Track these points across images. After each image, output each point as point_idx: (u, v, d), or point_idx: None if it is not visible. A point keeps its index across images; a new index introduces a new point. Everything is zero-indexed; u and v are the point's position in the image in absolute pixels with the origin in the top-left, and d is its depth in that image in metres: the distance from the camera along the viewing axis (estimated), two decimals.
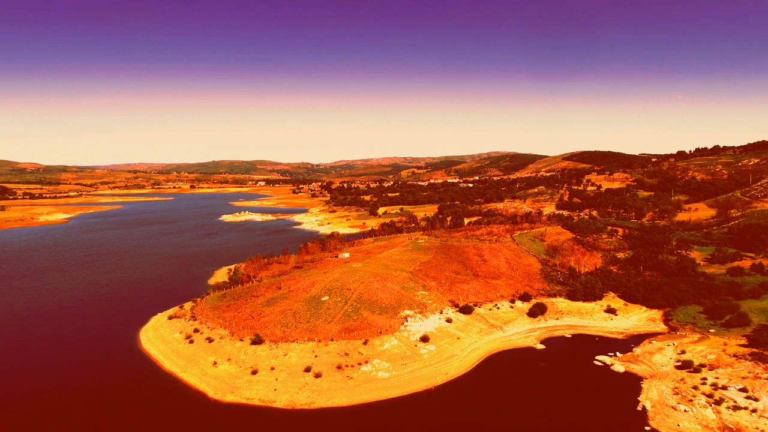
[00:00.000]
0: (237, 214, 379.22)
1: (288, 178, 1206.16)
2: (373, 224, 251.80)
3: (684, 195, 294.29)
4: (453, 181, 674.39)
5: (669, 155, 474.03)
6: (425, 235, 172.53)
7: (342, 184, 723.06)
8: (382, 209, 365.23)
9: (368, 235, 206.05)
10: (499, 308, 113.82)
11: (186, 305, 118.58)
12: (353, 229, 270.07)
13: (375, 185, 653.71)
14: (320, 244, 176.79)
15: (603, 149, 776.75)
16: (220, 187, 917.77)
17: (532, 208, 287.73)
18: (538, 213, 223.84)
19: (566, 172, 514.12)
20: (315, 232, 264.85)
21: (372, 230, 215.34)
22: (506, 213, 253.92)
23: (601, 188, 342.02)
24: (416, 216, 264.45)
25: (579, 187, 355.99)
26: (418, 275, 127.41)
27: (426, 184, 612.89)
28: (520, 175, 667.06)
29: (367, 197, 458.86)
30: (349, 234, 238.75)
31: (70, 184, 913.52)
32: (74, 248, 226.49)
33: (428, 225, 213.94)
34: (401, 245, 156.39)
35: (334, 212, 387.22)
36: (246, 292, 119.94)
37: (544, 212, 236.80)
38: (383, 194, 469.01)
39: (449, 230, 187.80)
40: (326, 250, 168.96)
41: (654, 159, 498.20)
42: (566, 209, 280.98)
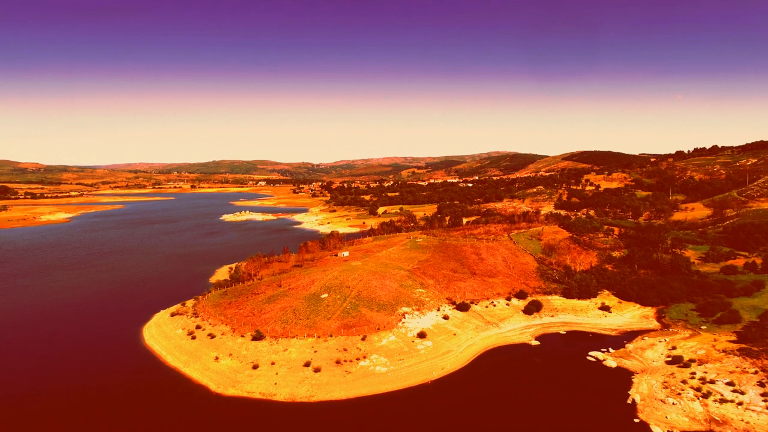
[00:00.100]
0: (238, 213, 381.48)
1: (288, 178, 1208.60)
2: (373, 224, 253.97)
3: (682, 195, 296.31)
4: (453, 181, 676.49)
5: (668, 155, 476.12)
6: (424, 234, 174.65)
7: (342, 184, 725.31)
8: (382, 209, 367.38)
9: (368, 235, 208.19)
10: (495, 306, 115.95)
11: (188, 303, 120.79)
12: (353, 229, 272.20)
13: (375, 185, 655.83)
14: (320, 243, 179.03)
15: (603, 149, 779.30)
16: (220, 187, 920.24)
17: (531, 207, 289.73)
18: (536, 212, 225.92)
19: (565, 172, 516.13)
20: (315, 232, 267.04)
21: (371, 229, 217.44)
22: (505, 213, 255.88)
23: (600, 188, 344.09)
24: (415, 215, 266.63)
25: (578, 187, 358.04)
26: (416, 273, 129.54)
27: (426, 184, 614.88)
28: (519, 175, 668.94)
29: (367, 197, 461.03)
30: (349, 233, 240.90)
31: (71, 183, 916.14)
32: (77, 247, 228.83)
33: (427, 224, 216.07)
34: (400, 244, 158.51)
35: (334, 212, 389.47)
36: (247, 290, 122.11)
37: (542, 212, 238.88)
38: (383, 194, 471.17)
39: (448, 229, 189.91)
40: (326, 248, 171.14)
41: (653, 159, 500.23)
42: (565, 209, 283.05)
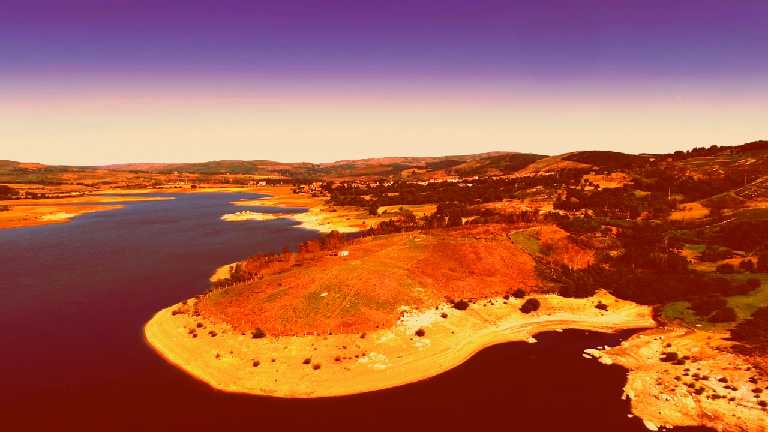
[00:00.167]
0: (238, 213, 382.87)
1: (289, 178, 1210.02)
2: (373, 223, 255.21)
3: (680, 194, 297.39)
4: (453, 180, 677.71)
5: (667, 155, 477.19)
6: (423, 234, 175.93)
7: (342, 184, 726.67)
8: (382, 209, 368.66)
9: (367, 234, 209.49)
10: (493, 304, 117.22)
11: (189, 301, 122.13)
12: (353, 229, 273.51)
13: (375, 185, 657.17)
14: (320, 242, 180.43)
15: (603, 149, 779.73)
16: (221, 187, 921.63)
17: (530, 207, 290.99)
18: (535, 212, 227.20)
19: (565, 172, 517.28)
20: (315, 231, 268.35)
21: (371, 229, 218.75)
22: (504, 212, 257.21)
23: (599, 188, 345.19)
24: (415, 215, 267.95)
25: (577, 187, 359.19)
26: (415, 272, 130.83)
27: (426, 184, 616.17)
28: (519, 175, 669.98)
29: (367, 197, 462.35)
30: (349, 233, 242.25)
31: (72, 184, 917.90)
32: (78, 247, 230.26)
33: (426, 224, 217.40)
34: (399, 243, 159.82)
35: (335, 212, 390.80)
36: (247, 289, 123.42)
37: (540, 212, 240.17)
38: (383, 194, 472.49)
39: (447, 229, 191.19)
40: (326, 248, 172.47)
41: (652, 159, 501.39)
42: (563, 209, 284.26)
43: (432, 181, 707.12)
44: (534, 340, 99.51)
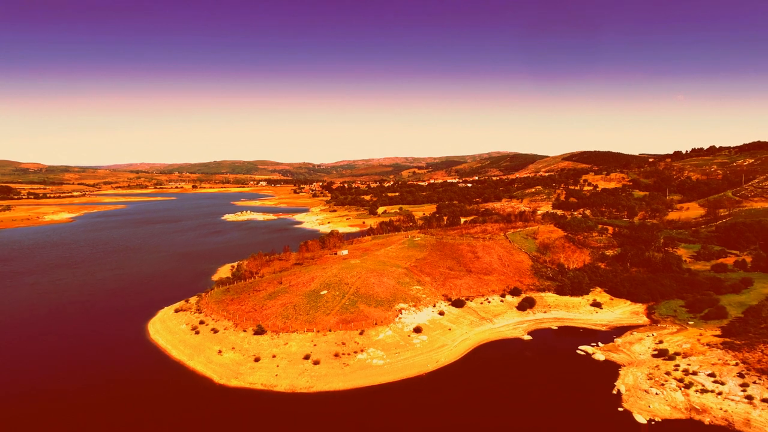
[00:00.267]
0: (239, 213, 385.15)
1: (289, 178, 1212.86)
2: (372, 223, 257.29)
3: (678, 195, 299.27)
4: (453, 181, 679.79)
5: (666, 155, 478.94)
6: (422, 234, 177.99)
7: (343, 184, 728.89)
8: (382, 209, 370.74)
9: (367, 234, 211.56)
10: (489, 302, 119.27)
11: (191, 299, 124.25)
12: (353, 228, 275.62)
13: (375, 185, 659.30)
14: (320, 242, 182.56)
15: (603, 149, 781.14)
16: (221, 187, 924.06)
17: (529, 207, 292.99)
18: (533, 212, 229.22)
19: (564, 172, 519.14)
20: (315, 231, 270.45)
21: (371, 229, 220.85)
22: (503, 212, 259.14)
23: (598, 188, 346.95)
24: (414, 215, 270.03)
25: (576, 187, 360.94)
26: (413, 271, 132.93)
27: (426, 184, 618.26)
28: (519, 175, 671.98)
29: (367, 197, 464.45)
30: (349, 233, 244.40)
31: (73, 184, 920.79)
32: (81, 246, 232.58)
33: (425, 224, 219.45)
34: (398, 243, 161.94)
35: (335, 212, 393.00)
36: (248, 287, 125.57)
37: (539, 212, 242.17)
38: (383, 194, 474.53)
39: (445, 229, 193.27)
40: (326, 247, 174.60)
41: (651, 159, 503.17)
42: (562, 209, 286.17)
43: (432, 181, 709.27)
44: (529, 337, 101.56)
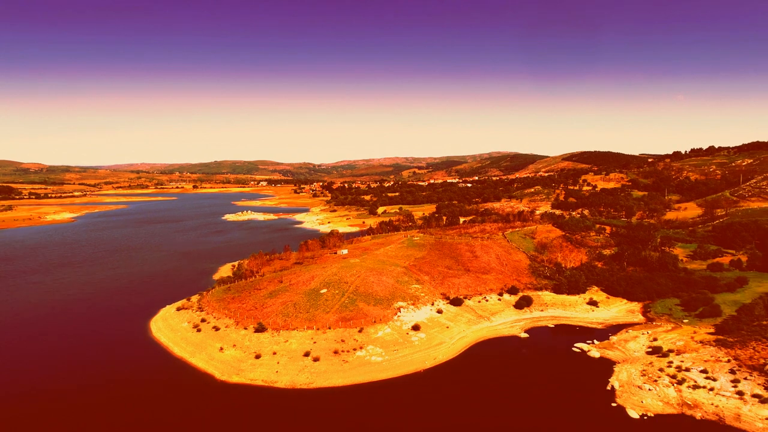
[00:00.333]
0: (240, 213, 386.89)
1: (290, 178, 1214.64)
2: (372, 223, 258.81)
3: (677, 195, 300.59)
4: (453, 181, 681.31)
5: (665, 156, 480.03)
6: (421, 233, 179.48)
7: (343, 184, 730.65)
8: (382, 209, 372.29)
9: (367, 234, 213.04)
10: (487, 300, 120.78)
11: (193, 298, 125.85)
12: (353, 228, 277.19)
13: (375, 185, 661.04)
14: (320, 241, 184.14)
15: (604, 149, 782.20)
16: (222, 187, 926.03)
17: (528, 207, 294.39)
18: (531, 212, 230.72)
19: (564, 172, 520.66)
20: (316, 231, 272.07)
21: (370, 229, 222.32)
22: (502, 212, 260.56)
23: (597, 188, 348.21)
24: (414, 215, 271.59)
25: (575, 187, 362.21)
26: (412, 270, 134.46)
27: (426, 184, 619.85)
28: (519, 175, 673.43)
29: (368, 197, 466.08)
30: (349, 232, 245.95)
31: (74, 184, 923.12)
32: (83, 246, 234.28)
33: (424, 223, 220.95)
34: (397, 242, 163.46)
35: (335, 212, 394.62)
36: (249, 286, 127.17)
37: (537, 211, 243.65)
38: (383, 194, 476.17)
39: (444, 228, 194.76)
40: (326, 247, 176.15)
41: (650, 159, 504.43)
42: (561, 208, 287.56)
43: (432, 181, 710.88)
44: (526, 335, 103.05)
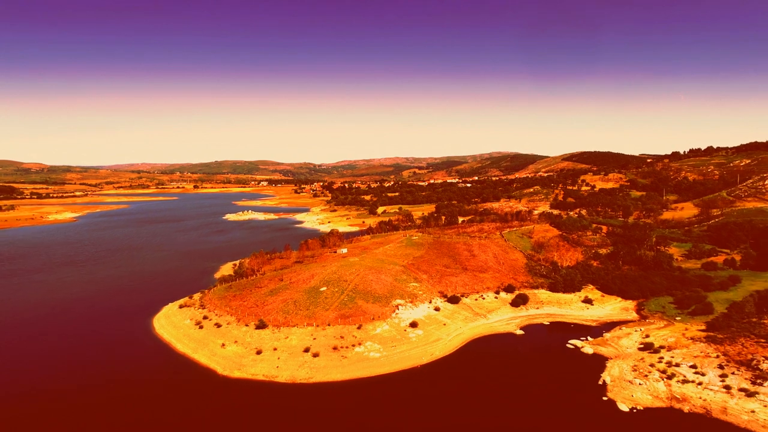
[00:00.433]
0: (240, 213, 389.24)
1: (290, 178, 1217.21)
2: (372, 223, 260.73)
3: (675, 195, 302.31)
4: (452, 181, 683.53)
5: (664, 156, 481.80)
6: (419, 233, 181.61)
7: (343, 184, 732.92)
8: (381, 209, 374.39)
9: (366, 233, 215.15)
10: (484, 299, 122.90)
11: (195, 296, 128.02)
12: (353, 228, 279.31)
13: (376, 185, 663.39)
14: (320, 240, 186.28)
15: (604, 150, 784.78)
16: (223, 187, 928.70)
17: (527, 207, 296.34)
18: (529, 212, 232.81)
19: (564, 172, 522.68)
20: (316, 230, 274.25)
21: (370, 228, 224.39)
22: (501, 212, 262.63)
23: (595, 188, 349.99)
24: (413, 215, 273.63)
25: (574, 188, 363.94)
26: (411, 269, 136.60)
27: (426, 184, 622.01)
28: (519, 175, 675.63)
29: (368, 197, 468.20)
30: (349, 232, 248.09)
31: (75, 184, 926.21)
32: (86, 245, 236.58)
33: (423, 223, 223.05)
34: (396, 242, 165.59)
35: (335, 211, 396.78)
36: (250, 284, 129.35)
37: (536, 211, 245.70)
38: (383, 194, 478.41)
39: (443, 228, 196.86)
40: (326, 246, 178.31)
41: (649, 160, 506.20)
42: (559, 208, 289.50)
43: (432, 181, 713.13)
44: (521, 332, 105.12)
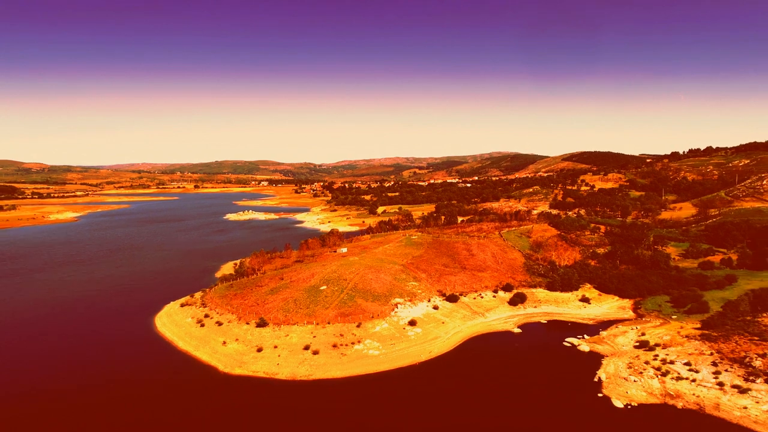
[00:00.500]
0: (241, 213, 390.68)
1: (290, 178, 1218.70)
2: (372, 222, 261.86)
3: (674, 195, 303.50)
4: (452, 181, 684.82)
5: (664, 156, 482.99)
6: (419, 232, 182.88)
7: (344, 184, 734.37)
8: (381, 208, 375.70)
9: (366, 233, 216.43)
10: (482, 297, 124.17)
11: (196, 294, 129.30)
12: (353, 227, 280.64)
13: (376, 185, 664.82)
14: (320, 240, 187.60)
15: (604, 150, 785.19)
16: (223, 187, 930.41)
17: (526, 207, 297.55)
18: (528, 212, 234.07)
19: (564, 172, 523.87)
20: (316, 230, 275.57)
21: (370, 228, 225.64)
22: (500, 212, 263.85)
23: (595, 188, 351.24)
24: (413, 215, 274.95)
25: (573, 188, 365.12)
26: (410, 268, 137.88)
27: (426, 184, 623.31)
28: (519, 175, 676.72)
29: (368, 197, 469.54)
30: (349, 231, 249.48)
31: (76, 183, 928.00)
32: (87, 245, 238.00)
33: (423, 223, 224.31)
34: (396, 241, 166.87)
35: (335, 211, 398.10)
36: (251, 283, 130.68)
37: (535, 211, 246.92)
38: (383, 194, 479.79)
39: (442, 228, 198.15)
40: (326, 245, 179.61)
41: (648, 160, 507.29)
42: (559, 208, 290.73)
43: (432, 181, 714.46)
44: (519, 330, 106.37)
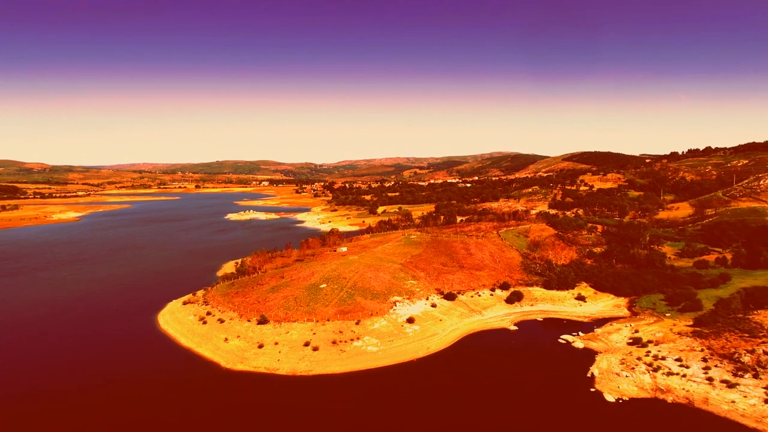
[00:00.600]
0: (242, 212, 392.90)
1: (291, 178, 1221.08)
2: (372, 222, 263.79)
3: (672, 195, 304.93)
4: (453, 181, 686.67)
5: (663, 156, 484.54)
6: (418, 232, 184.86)
7: (344, 184, 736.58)
8: (382, 208, 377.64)
9: (366, 232, 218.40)
10: (480, 296, 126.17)
11: (198, 293, 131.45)
12: (353, 227, 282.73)
13: (376, 185, 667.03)
14: (321, 239, 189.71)
15: (604, 150, 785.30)
16: (224, 187, 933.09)
17: (525, 207, 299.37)
18: (526, 212, 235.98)
19: (563, 172, 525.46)
20: (316, 230, 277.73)
21: (370, 227, 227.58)
22: (499, 212, 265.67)
23: (594, 188, 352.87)
24: (412, 214, 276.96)
25: (572, 188, 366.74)
26: (409, 267, 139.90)
27: (426, 184, 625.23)
28: (519, 175, 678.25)
29: (368, 197, 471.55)
30: (349, 231, 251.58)
31: (77, 184, 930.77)
32: (90, 244, 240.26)
33: (422, 223, 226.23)
34: (395, 240, 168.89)
35: (336, 211, 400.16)
36: (252, 281, 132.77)
37: (533, 211, 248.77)
38: (383, 194, 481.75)
39: (441, 227, 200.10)
40: (326, 245, 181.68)
41: (648, 160, 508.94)
42: (558, 208, 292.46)
43: (432, 181, 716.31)
44: (515, 328, 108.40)
